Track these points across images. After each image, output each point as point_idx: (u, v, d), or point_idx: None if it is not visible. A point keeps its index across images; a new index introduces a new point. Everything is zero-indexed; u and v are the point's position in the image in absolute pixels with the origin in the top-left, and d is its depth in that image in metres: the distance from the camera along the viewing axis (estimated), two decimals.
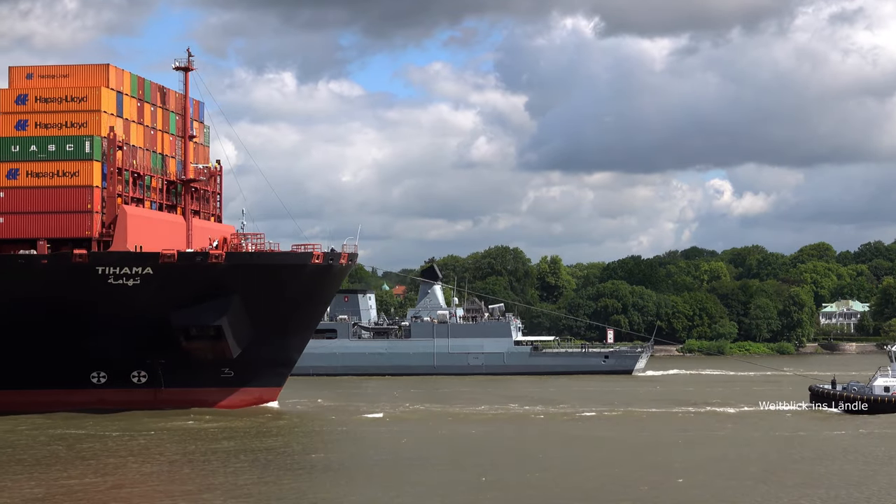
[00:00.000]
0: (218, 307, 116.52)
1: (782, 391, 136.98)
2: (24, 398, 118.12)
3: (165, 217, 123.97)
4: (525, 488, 69.17)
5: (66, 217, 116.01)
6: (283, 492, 68.62)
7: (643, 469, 76.61)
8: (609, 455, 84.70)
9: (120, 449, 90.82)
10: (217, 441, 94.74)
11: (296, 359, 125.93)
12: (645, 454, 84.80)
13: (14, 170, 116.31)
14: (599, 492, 68.84)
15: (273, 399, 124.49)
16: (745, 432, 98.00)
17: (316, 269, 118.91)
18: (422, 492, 68.55)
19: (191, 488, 71.01)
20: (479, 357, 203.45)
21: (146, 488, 71.72)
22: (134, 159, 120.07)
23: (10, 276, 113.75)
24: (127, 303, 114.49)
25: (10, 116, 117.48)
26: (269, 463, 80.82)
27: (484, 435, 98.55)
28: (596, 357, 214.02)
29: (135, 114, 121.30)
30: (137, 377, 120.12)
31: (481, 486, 69.83)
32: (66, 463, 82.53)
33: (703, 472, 75.58)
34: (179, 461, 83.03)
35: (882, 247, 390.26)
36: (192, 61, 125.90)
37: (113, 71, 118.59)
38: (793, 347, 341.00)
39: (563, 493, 68.20)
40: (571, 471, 76.64)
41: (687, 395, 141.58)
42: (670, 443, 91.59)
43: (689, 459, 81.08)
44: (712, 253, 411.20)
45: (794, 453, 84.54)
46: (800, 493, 67.45)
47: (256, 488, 70.11)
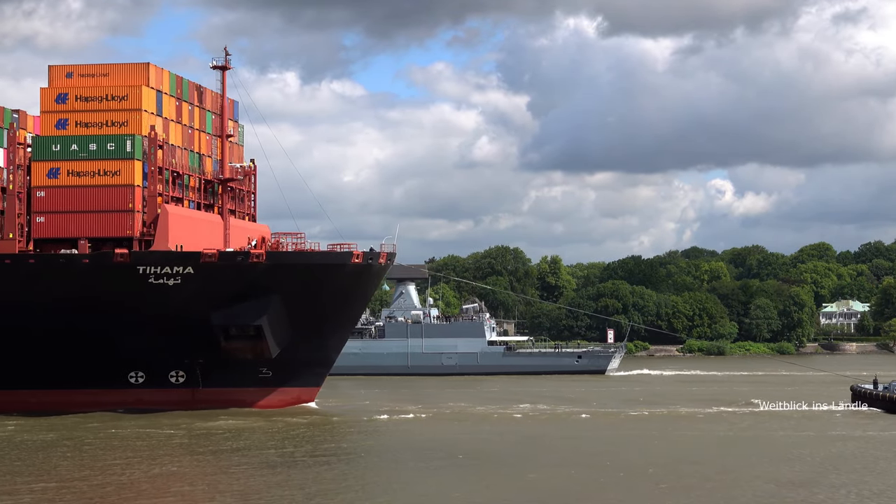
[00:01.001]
0: (258, 307, 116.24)
1: (823, 391, 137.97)
2: (60, 398, 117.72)
3: (204, 216, 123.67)
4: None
5: (108, 216, 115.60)
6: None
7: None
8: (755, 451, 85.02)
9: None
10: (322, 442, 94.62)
11: (334, 359, 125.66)
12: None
13: (55, 169, 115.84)
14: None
15: (311, 399, 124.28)
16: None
17: (355, 269, 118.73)
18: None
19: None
20: (453, 357, 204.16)
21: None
22: (173, 158, 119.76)
23: (51, 275, 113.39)
24: (167, 302, 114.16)
25: (51, 115, 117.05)
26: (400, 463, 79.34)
27: (603, 436, 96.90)
28: (569, 357, 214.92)
29: (173, 113, 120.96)
30: (175, 377, 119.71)
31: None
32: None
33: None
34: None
35: (882, 247, 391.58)
36: (228, 60, 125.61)
37: (153, 70, 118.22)
38: (793, 347, 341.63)
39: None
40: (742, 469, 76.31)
41: (722, 393, 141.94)
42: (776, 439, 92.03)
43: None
44: (712, 253, 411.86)
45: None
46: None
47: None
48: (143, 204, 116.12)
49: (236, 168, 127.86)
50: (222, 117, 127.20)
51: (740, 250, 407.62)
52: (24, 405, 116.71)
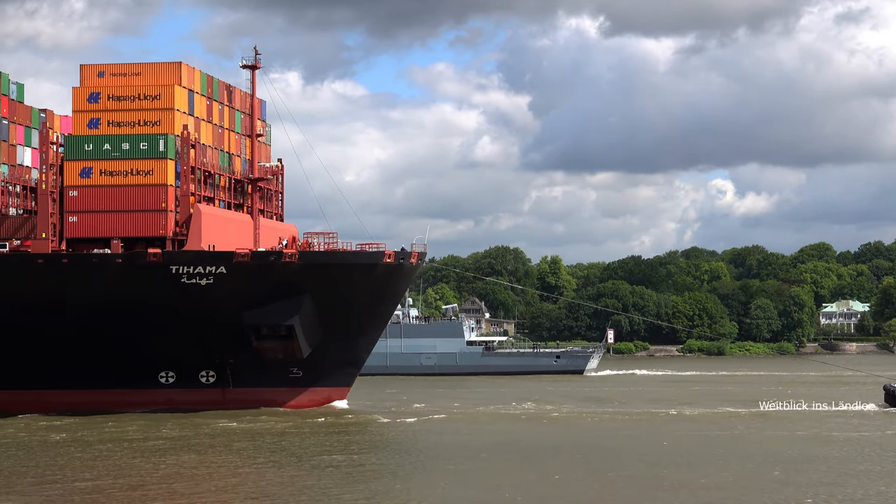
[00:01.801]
0: (290, 307, 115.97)
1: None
2: (91, 398, 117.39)
3: (235, 216, 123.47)
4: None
5: (141, 216, 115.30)
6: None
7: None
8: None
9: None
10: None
11: (364, 359, 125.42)
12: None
13: (87, 168, 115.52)
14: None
15: (342, 399, 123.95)
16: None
17: (387, 269, 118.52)
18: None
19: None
20: (432, 357, 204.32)
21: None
22: (204, 158, 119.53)
23: (84, 275, 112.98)
24: (199, 302, 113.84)
25: (83, 115, 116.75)
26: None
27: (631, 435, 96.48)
28: (547, 357, 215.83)
29: (204, 112, 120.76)
30: (206, 377, 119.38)
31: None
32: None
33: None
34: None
35: (882, 247, 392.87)
36: (258, 59, 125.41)
37: (185, 69, 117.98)
38: (793, 348, 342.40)
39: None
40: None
41: (736, 393, 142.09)
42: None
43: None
44: (712, 253, 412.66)
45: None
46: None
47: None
48: (175, 203, 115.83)
49: (266, 168, 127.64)
50: (252, 117, 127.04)
51: (740, 250, 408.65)
52: (55, 405, 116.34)
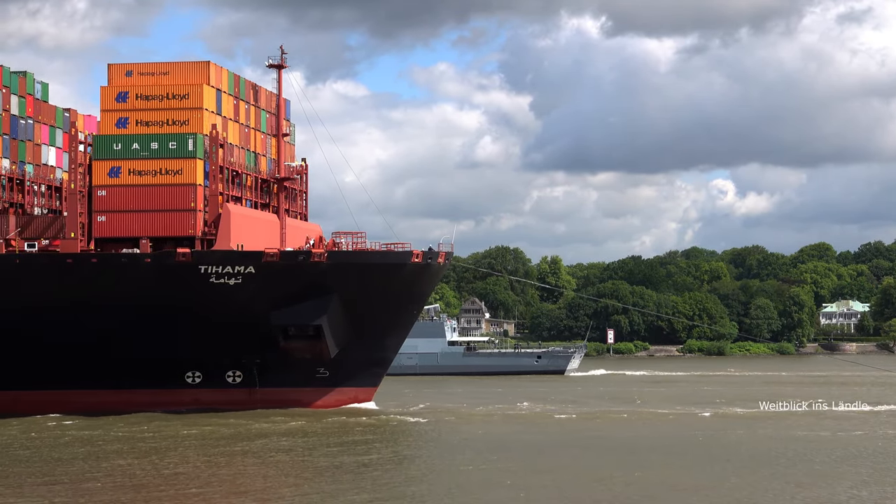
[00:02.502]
0: (318, 307, 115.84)
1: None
2: (118, 398, 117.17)
3: (263, 216, 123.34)
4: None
5: (170, 215, 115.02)
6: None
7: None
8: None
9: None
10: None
11: (391, 359, 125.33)
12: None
13: (116, 168, 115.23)
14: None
15: (368, 399, 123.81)
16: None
17: (415, 269, 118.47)
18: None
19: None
20: (413, 357, 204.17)
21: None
22: (231, 157, 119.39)
23: (113, 274, 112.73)
24: (227, 302, 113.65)
25: (111, 114, 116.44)
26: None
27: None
28: (529, 357, 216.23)
29: (231, 111, 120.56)
30: (232, 377, 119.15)
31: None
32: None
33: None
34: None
35: (882, 247, 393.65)
36: (284, 59, 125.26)
37: (213, 68, 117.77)
38: (793, 348, 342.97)
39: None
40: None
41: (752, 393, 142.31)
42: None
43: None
44: (712, 253, 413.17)
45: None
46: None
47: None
48: (204, 203, 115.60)
49: (292, 167, 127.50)
50: (278, 116, 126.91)
51: (740, 250, 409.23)
52: (82, 405, 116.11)
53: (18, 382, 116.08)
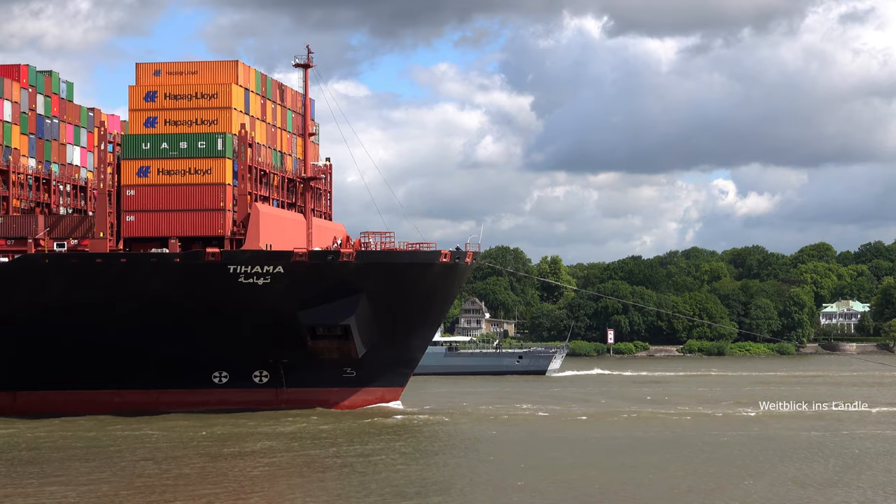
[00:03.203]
0: (346, 306, 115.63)
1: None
2: (145, 398, 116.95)
3: (290, 215, 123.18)
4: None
5: (199, 215, 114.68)
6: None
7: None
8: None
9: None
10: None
11: (418, 359, 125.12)
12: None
13: (145, 167, 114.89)
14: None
15: (395, 399, 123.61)
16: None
17: (443, 268, 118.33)
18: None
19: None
20: None
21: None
22: (259, 157, 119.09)
23: (142, 274, 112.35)
24: (255, 302, 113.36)
25: (139, 113, 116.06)
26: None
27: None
28: (510, 357, 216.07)
29: (259, 111, 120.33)
30: (259, 377, 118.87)
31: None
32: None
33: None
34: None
35: (882, 247, 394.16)
36: (311, 58, 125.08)
37: (241, 67, 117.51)
38: (793, 348, 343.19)
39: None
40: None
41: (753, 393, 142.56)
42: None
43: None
44: (712, 253, 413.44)
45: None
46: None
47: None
48: (233, 203, 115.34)
49: (318, 167, 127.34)
50: (305, 115, 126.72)
51: (740, 250, 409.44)
52: (109, 405, 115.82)
53: (46, 383, 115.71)
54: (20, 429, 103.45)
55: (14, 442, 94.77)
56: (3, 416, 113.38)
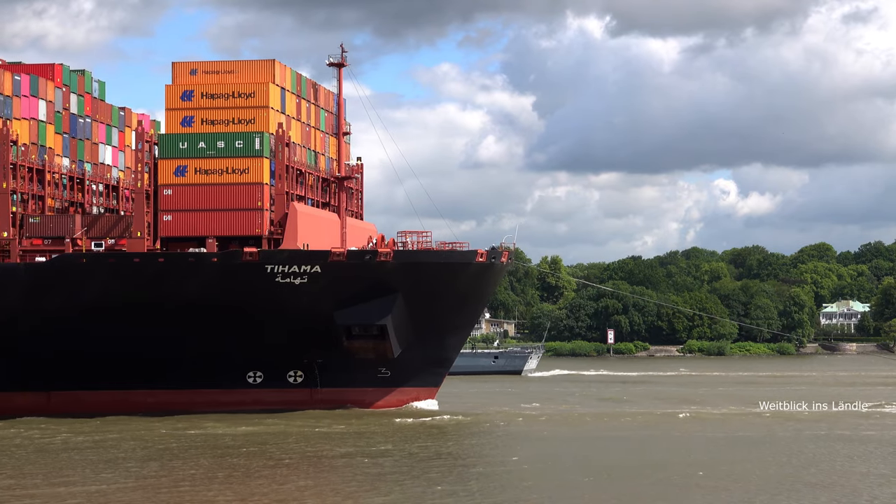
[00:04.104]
0: (382, 306, 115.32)
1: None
2: (178, 398, 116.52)
3: (326, 215, 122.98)
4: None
5: (236, 215, 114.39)
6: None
7: None
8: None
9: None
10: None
11: (453, 358, 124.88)
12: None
13: (182, 167, 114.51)
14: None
15: (430, 398, 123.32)
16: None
17: (479, 268, 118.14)
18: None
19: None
20: None
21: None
22: (295, 156, 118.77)
23: (179, 274, 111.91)
24: (292, 301, 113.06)
25: (176, 113, 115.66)
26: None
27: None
28: (486, 357, 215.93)
29: (294, 110, 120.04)
30: (293, 377, 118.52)
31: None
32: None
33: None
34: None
35: (882, 247, 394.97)
36: (345, 57, 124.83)
37: (278, 66, 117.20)
38: (793, 348, 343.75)
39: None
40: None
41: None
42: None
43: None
44: (712, 253, 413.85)
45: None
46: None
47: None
48: (270, 202, 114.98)
49: (353, 166, 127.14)
50: (339, 115, 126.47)
51: (740, 251, 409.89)
52: (143, 405, 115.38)
53: (79, 383, 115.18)
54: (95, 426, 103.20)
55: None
56: (37, 415, 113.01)
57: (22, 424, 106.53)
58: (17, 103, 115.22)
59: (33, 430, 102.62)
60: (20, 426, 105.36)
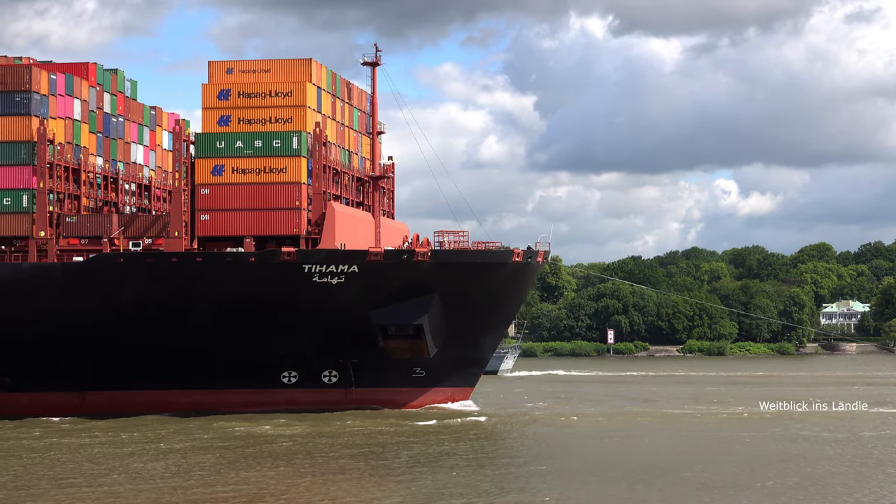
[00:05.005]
0: (419, 306, 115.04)
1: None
2: (212, 398, 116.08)
3: (362, 214, 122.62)
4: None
5: (274, 214, 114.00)
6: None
7: None
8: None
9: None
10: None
11: (488, 358, 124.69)
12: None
13: (219, 166, 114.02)
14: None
15: (465, 399, 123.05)
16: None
17: (515, 268, 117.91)
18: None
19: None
20: None
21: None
22: (330, 155, 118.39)
23: (216, 274, 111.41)
24: (328, 301, 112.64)
25: (213, 112, 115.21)
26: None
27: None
28: None
29: (329, 109, 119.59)
30: (328, 377, 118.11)
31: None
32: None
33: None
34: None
35: (882, 247, 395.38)
36: (379, 56, 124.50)
37: (314, 65, 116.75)
38: (793, 348, 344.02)
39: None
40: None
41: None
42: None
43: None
44: (712, 253, 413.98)
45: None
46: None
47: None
48: (308, 202, 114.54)
49: (385, 165, 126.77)
50: (373, 114, 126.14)
51: (740, 250, 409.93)
52: (176, 406, 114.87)
53: (114, 383, 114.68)
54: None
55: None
56: (72, 415, 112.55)
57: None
58: (53, 102, 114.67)
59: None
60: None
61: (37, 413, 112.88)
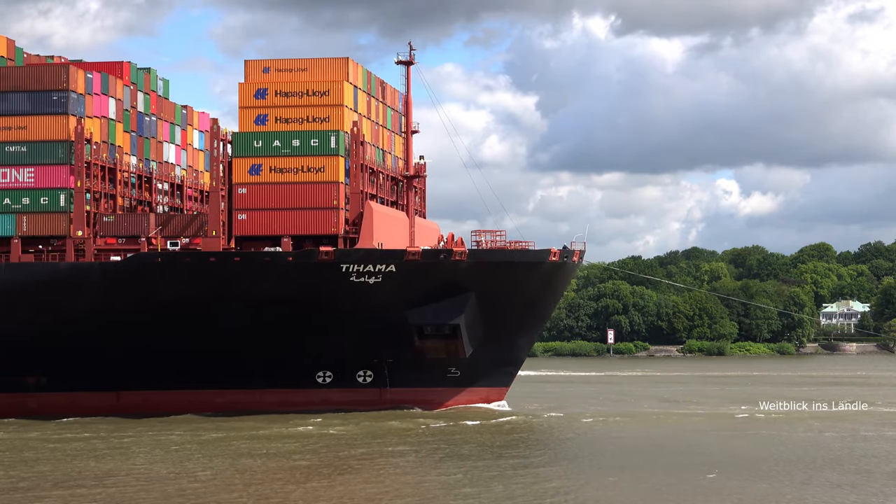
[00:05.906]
0: (455, 306, 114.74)
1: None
2: (247, 398, 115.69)
3: (398, 214, 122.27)
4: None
5: (311, 213, 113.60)
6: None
7: None
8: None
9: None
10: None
11: (523, 358, 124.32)
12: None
13: (257, 165, 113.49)
14: None
15: (500, 399, 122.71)
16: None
17: (551, 267, 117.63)
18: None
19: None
20: None
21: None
22: (367, 154, 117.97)
23: (254, 273, 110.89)
24: (365, 301, 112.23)
25: (250, 111, 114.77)
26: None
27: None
28: None
29: (365, 108, 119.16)
30: (363, 377, 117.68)
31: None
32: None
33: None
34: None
35: (882, 247, 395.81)
36: (413, 55, 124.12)
37: (351, 65, 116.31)
38: (793, 348, 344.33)
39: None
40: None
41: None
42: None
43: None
44: (713, 253, 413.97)
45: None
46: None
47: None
48: (345, 201, 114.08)
49: (418, 165, 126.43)
50: (407, 114, 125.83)
51: (740, 250, 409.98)
52: (210, 406, 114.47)
53: (149, 383, 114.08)
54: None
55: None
56: (106, 415, 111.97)
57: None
58: (90, 101, 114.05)
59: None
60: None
61: (72, 413, 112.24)
